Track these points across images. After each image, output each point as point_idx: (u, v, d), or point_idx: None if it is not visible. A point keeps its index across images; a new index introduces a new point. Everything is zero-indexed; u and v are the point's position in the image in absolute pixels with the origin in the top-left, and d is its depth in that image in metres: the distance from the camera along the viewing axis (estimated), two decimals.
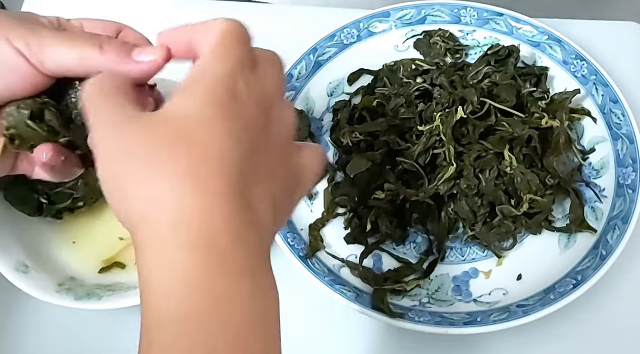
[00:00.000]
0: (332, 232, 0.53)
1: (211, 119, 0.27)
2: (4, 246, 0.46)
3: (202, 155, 0.26)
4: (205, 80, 0.28)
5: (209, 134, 0.27)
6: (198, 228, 0.25)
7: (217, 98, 0.28)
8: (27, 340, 0.50)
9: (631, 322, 0.51)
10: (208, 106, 0.27)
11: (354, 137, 0.55)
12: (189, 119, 0.27)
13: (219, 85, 0.28)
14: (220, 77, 0.29)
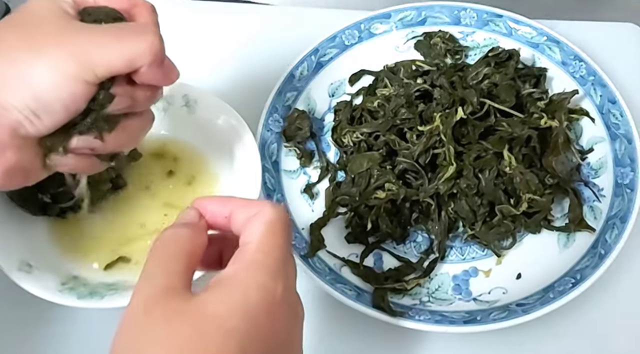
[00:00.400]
0: (332, 231, 0.54)
1: (235, 335, 0.28)
2: (7, 245, 0.46)
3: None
4: (246, 286, 0.30)
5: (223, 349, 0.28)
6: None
7: (254, 312, 0.29)
8: (29, 339, 0.50)
9: (629, 320, 0.51)
10: (240, 320, 0.29)
11: (354, 137, 0.55)
12: (212, 323, 0.28)
13: (258, 296, 0.30)
14: (263, 284, 0.30)
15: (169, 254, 0.32)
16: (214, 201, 0.35)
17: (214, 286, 0.30)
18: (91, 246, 0.50)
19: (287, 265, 0.32)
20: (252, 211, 0.33)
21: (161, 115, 0.54)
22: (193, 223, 0.34)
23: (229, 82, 0.62)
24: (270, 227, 0.32)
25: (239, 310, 0.29)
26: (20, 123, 0.36)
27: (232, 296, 0.29)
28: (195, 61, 0.64)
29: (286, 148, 0.57)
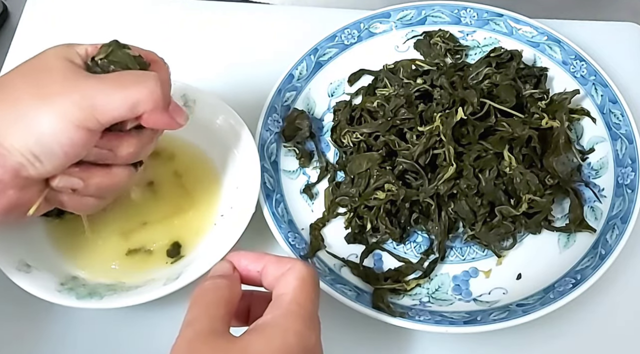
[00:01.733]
0: (332, 231, 0.54)
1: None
2: (6, 245, 0.46)
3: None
4: (285, 331, 0.33)
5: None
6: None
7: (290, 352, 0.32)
8: (29, 339, 0.50)
9: (630, 321, 0.51)
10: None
11: (354, 137, 0.55)
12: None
13: (296, 341, 0.33)
14: (300, 331, 0.33)
15: (210, 301, 0.35)
16: (248, 256, 0.38)
17: (254, 329, 0.33)
18: (90, 246, 0.50)
19: (317, 318, 0.35)
20: (285, 267, 0.36)
21: None
22: (229, 275, 0.37)
23: (228, 82, 0.61)
24: (303, 282, 0.35)
25: (279, 351, 0.32)
26: (23, 165, 0.38)
27: (273, 339, 0.32)
28: (194, 61, 0.64)
29: (285, 148, 0.57)
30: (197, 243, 0.50)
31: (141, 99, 0.39)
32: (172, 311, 0.47)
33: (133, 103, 0.39)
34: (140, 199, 0.52)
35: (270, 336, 0.32)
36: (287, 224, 0.52)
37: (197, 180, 0.53)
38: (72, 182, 0.41)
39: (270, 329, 0.33)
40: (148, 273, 0.48)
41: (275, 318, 0.34)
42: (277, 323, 0.33)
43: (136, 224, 0.51)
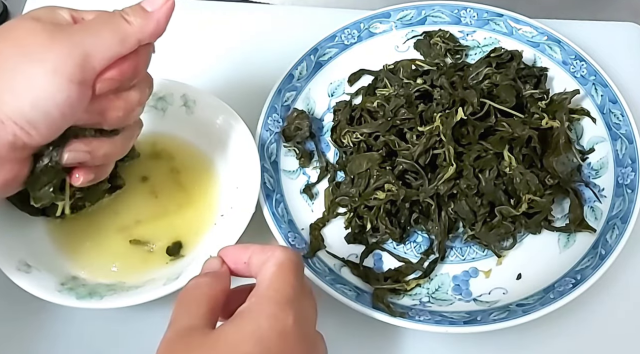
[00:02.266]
0: (332, 231, 0.53)
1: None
2: (6, 245, 0.46)
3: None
4: (257, 316, 0.33)
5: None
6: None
7: (264, 337, 0.32)
8: (28, 339, 0.50)
9: (630, 321, 0.51)
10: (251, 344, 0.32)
11: (354, 137, 0.55)
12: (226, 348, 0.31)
13: (269, 324, 0.32)
14: (273, 314, 0.33)
15: (191, 300, 0.35)
16: (235, 249, 0.38)
17: (231, 319, 0.33)
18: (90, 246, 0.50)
19: (301, 301, 0.35)
20: (266, 255, 0.36)
21: (160, 115, 0.54)
22: (214, 271, 0.37)
23: (228, 82, 0.61)
24: (281, 267, 0.35)
25: (251, 336, 0.32)
26: (17, 136, 0.36)
27: (245, 325, 0.32)
28: (194, 61, 0.64)
29: (285, 148, 0.57)
30: (197, 243, 0.50)
31: (128, 28, 0.37)
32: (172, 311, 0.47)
33: (123, 35, 0.37)
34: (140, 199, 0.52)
35: (243, 323, 0.32)
36: (287, 224, 0.52)
37: (197, 180, 0.53)
38: (81, 157, 0.40)
39: (243, 316, 0.33)
40: (148, 273, 0.48)
41: (249, 304, 0.34)
42: (250, 309, 0.33)
43: (136, 223, 0.51)
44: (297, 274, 0.36)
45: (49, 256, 0.48)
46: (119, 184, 0.51)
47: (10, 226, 0.47)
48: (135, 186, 0.52)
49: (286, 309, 0.33)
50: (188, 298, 0.35)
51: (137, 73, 0.40)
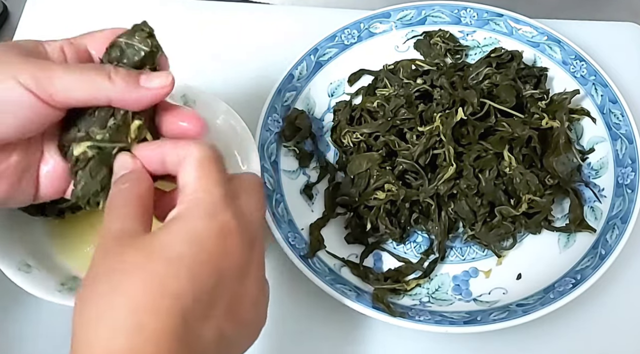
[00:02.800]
0: (332, 231, 0.53)
1: (182, 260, 0.30)
2: (6, 245, 0.46)
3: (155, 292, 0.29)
4: (191, 218, 0.31)
5: (172, 273, 0.30)
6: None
7: (201, 237, 0.31)
8: (28, 339, 0.50)
9: (630, 321, 0.51)
10: (186, 245, 0.30)
11: (354, 137, 0.55)
12: (160, 251, 0.30)
13: (203, 223, 0.31)
14: (208, 213, 0.31)
15: (118, 204, 0.33)
16: (146, 147, 0.36)
17: (163, 225, 0.32)
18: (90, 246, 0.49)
19: (238, 200, 0.33)
20: (182, 153, 0.34)
21: None
22: (130, 171, 0.35)
23: (228, 82, 0.61)
24: (202, 166, 0.33)
25: (186, 238, 0.30)
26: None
27: (180, 229, 0.31)
28: (194, 61, 0.64)
29: (285, 148, 0.57)
30: None
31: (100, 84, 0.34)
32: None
33: (91, 85, 0.34)
34: None
35: (177, 226, 0.31)
36: (287, 224, 0.52)
37: None
38: None
39: (177, 221, 0.31)
40: None
41: (180, 210, 0.32)
42: (183, 214, 0.31)
43: None
44: (220, 169, 0.34)
45: (49, 256, 0.48)
46: None
47: (10, 226, 0.47)
48: None
49: (222, 208, 0.32)
50: (115, 203, 0.33)
51: None
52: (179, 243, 0.30)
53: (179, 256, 0.30)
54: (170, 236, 0.31)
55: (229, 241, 0.31)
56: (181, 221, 0.31)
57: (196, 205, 0.32)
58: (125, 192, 0.34)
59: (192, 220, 0.31)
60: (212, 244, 0.31)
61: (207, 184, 0.33)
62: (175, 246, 0.30)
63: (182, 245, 0.30)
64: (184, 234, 0.31)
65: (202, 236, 0.31)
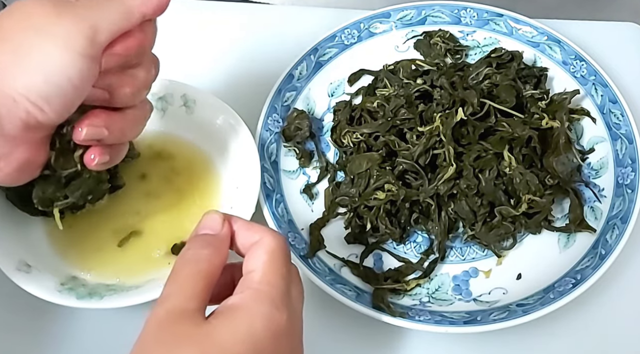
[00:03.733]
0: (332, 231, 0.53)
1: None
2: (6, 245, 0.46)
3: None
4: (251, 315, 0.31)
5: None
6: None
7: (258, 339, 0.31)
8: (28, 339, 0.50)
9: (630, 320, 0.51)
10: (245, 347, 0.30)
11: (354, 137, 0.55)
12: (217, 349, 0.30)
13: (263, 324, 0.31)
14: (268, 313, 0.32)
15: (188, 276, 0.33)
16: (235, 220, 0.36)
17: (222, 313, 0.32)
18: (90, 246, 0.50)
19: (291, 293, 0.34)
20: (254, 237, 0.35)
21: (160, 115, 0.54)
22: (214, 239, 0.35)
23: (228, 82, 0.61)
24: (273, 257, 0.34)
25: (245, 339, 0.30)
26: (30, 113, 0.35)
27: (239, 325, 0.31)
28: (194, 61, 0.64)
29: (285, 148, 0.57)
30: None
31: (132, 1, 0.37)
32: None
33: (127, 9, 0.37)
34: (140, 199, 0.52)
35: (236, 322, 0.31)
36: (287, 224, 0.52)
37: (197, 180, 0.53)
38: (98, 132, 0.39)
39: (237, 313, 0.31)
40: (148, 273, 0.48)
41: (243, 300, 0.32)
42: (245, 307, 0.32)
43: (136, 223, 0.51)
44: (287, 263, 0.34)
45: (49, 256, 0.48)
46: (119, 184, 0.51)
47: (10, 226, 0.47)
48: (135, 186, 0.52)
49: (281, 307, 0.32)
50: (185, 273, 0.33)
51: (142, 50, 0.40)
52: (237, 342, 0.30)
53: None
54: (228, 332, 0.31)
55: (282, 343, 0.32)
56: (241, 316, 0.31)
57: (259, 299, 0.32)
58: (201, 266, 0.33)
59: (253, 317, 0.31)
60: (267, 347, 0.31)
61: (274, 277, 0.33)
62: (233, 344, 0.30)
63: (239, 344, 0.30)
64: (243, 332, 0.31)
65: (259, 337, 0.31)
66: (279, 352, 0.32)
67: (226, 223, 0.36)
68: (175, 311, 0.31)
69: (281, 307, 0.32)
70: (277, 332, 0.31)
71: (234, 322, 0.31)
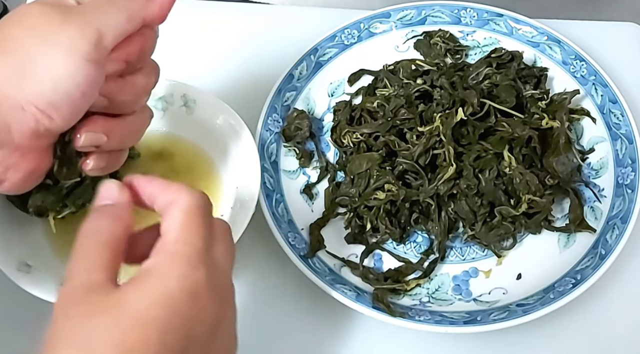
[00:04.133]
0: (332, 231, 0.53)
1: (156, 325, 0.28)
2: (6, 245, 0.46)
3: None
4: (165, 277, 0.30)
5: (143, 339, 0.28)
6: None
7: (174, 300, 0.29)
8: (28, 340, 0.50)
9: (630, 321, 0.51)
10: (161, 309, 0.29)
11: (354, 137, 0.55)
12: (130, 315, 0.28)
13: (178, 284, 0.30)
14: (183, 273, 0.30)
15: (89, 250, 0.32)
16: (139, 180, 0.35)
17: (135, 279, 0.30)
18: None
19: (212, 252, 0.32)
20: (170, 196, 0.33)
21: (160, 115, 0.54)
22: (113, 207, 0.34)
23: (228, 82, 0.61)
24: (188, 216, 0.32)
25: (159, 301, 0.29)
26: (39, 121, 0.35)
27: (152, 288, 0.29)
28: (194, 60, 0.64)
29: (285, 148, 0.57)
30: None
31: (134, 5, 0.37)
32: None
33: (130, 12, 0.37)
34: None
35: (149, 285, 0.29)
36: (287, 224, 0.52)
37: (197, 180, 0.53)
38: (97, 138, 0.39)
39: (150, 277, 0.30)
40: None
41: (156, 263, 0.31)
42: (157, 269, 0.30)
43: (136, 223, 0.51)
44: (206, 220, 0.33)
45: (49, 256, 0.48)
46: None
47: (10, 226, 0.47)
48: None
49: (197, 265, 0.30)
50: (86, 248, 0.32)
51: (143, 56, 0.39)
52: (151, 306, 0.29)
53: (150, 320, 0.28)
54: (142, 297, 0.29)
55: (202, 302, 0.30)
56: (155, 279, 0.30)
57: (174, 260, 0.30)
58: (101, 237, 0.32)
59: (166, 279, 0.30)
60: (185, 308, 0.29)
61: (190, 236, 0.31)
62: (147, 309, 0.29)
63: (154, 308, 0.29)
64: (157, 295, 0.29)
65: (175, 298, 0.29)
66: (200, 312, 0.30)
67: (124, 189, 0.34)
68: (82, 285, 0.30)
69: (198, 265, 0.30)
70: (196, 291, 0.30)
71: (147, 286, 0.29)
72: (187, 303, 0.29)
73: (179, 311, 0.29)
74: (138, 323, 0.28)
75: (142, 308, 0.29)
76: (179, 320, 0.29)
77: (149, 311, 0.28)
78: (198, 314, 0.30)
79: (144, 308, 0.29)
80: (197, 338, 0.30)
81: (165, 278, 0.30)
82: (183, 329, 0.29)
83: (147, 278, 0.30)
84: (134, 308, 0.29)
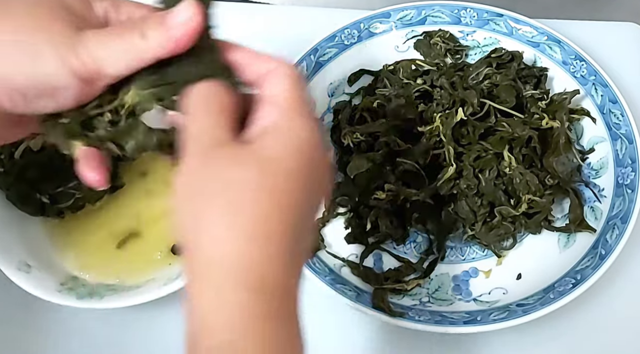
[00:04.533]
0: (332, 231, 0.53)
1: (295, 173, 0.30)
2: (6, 245, 0.46)
3: (271, 211, 0.29)
4: (294, 128, 0.31)
5: (289, 188, 0.30)
6: (254, 280, 0.28)
7: (305, 155, 0.31)
8: (28, 339, 0.50)
9: (630, 321, 0.51)
10: (296, 159, 0.30)
11: (354, 137, 0.55)
12: (274, 164, 0.30)
13: (306, 135, 0.31)
14: (308, 126, 0.31)
15: (212, 110, 0.31)
16: (238, 49, 0.36)
17: (260, 135, 0.31)
18: (90, 246, 0.50)
19: None
20: (269, 65, 0.34)
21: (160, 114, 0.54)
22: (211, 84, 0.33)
23: None
24: (296, 83, 0.33)
25: (296, 150, 0.30)
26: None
27: (285, 139, 0.30)
28: None
29: None
30: None
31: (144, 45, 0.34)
32: (172, 311, 0.48)
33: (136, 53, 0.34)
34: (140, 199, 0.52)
35: (282, 137, 0.30)
36: None
37: None
38: None
39: (278, 130, 0.31)
40: (148, 273, 0.48)
41: (278, 118, 0.31)
42: (284, 123, 0.31)
43: (136, 223, 0.51)
44: (306, 91, 0.33)
45: (49, 256, 0.48)
46: (119, 184, 0.51)
47: (10, 226, 0.47)
48: (135, 186, 0.52)
49: (314, 121, 0.32)
50: (208, 106, 0.32)
51: None
52: (290, 156, 0.30)
53: (292, 169, 0.30)
54: (280, 146, 0.30)
55: (322, 155, 0.32)
56: (286, 130, 0.31)
57: (297, 114, 0.31)
58: (220, 98, 0.32)
59: (297, 130, 0.31)
60: (315, 156, 0.31)
61: (300, 98, 0.32)
62: (287, 159, 0.30)
63: (294, 158, 0.30)
64: (294, 144, 0.30)
65: (307, 148, 0.31)
66: (321, 163, 0.32)
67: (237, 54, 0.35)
68: (212, 142, 0.30)
69: (314, 121, 0.32)
70: (318, 143, 0.31)
71: (280, 138, 0.30)
72: (316, 153, 0.31)
73: (311, 160, 0.31)
74: (283, 172, 0.29)
75: (283, 157, 0.30)
76: (311, 168, 0.31)
77: (289, 161, 0.30)
78: (320, 164, 0.32)
79: (284, 158, 0.30)
80: (318, 182, 0.32)
81: (294, 129, 0.31)
82: (315, 177, 0.31)
83: (275, 131, 0.31)
84: (276, 158, 0.30)
